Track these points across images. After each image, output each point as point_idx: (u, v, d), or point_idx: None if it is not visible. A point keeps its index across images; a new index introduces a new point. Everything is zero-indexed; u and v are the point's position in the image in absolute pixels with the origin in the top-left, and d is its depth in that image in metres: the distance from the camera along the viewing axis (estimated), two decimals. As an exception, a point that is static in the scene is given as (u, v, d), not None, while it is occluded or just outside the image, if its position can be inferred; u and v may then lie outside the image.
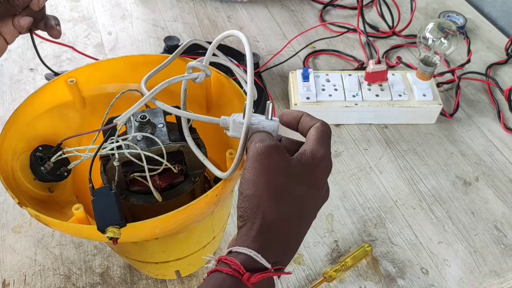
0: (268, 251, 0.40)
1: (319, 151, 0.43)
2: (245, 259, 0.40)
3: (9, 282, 0.66)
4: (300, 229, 0.44)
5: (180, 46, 0.59)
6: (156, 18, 1.09)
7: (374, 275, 0.68)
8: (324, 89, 0.86)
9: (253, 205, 0.41)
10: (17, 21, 0.59)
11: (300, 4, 1.13)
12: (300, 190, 0.43)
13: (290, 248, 0.43)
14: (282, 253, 0.42)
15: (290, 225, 0.43)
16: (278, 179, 0.42)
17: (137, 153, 0.50)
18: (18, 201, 0.48)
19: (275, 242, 0.41)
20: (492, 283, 0.68)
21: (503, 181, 0.80)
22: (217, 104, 0.63)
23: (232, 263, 0.39)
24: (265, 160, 0.42)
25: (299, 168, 0.43)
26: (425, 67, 0.84)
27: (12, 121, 0.54)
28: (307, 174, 0.43)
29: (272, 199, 0.41)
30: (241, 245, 0.40)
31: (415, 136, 0.87)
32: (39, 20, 0.62)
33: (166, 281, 0.67)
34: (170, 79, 0.50)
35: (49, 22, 0.62)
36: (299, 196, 0.43)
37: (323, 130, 0.45)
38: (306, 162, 0.43)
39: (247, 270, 0.39)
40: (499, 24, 1.11)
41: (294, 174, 0.42)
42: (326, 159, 0.44)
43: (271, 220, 0.41)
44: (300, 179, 0.43)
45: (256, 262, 0.40)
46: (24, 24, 0.59)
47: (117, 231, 0.45)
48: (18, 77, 0.94)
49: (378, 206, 0.76)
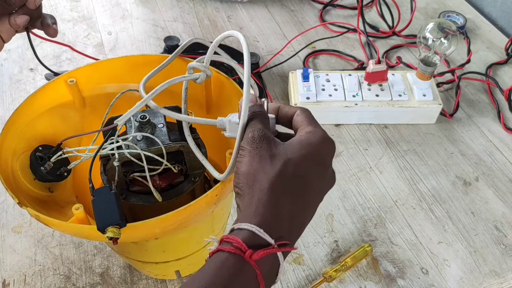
0: (270, 226, 0.39)
1: (318, 132, 0.43)
2: (247, 235, 0.38)
3: (9, 282, 0.66)
4: (306, 205, 0.42)
5: (180, 46, 0.59)
6: (156, 18, 1.09)
7: (374, 275, 0.68)
8: (324, 89, 0.86)
9: (249, 180, 0.40)
10: (14, 20, 0.59)
11: (300, 4, 1.13)
12: (302, 168, 0.42)
13: (296, 224, 0.41)
14: (286, 228, 0.40)
15: (294, 199, 0.41)
16: (273, 158, 0.41)
17: (137, 153, 0.50)
18: (18, 201, 0.48)
19: (278, 217, 0.40)
20: (492, 283, 0.68)
21: (503, 181, 0.80)
22: (217, 104, 0.63)
23: (233, 241, 0.37)
24: (260, 146, 0.42)
25: (299, 147, 0.42)
26: (425, 67, 0.84)
27: (12, 121, 0.54)
28: (311, 151, 0.42)
29: (268, 175, 0.40)
30: (242, 221, 0.39)
31: (415, 136, 0.87)
32: (36, 18, 0.62)
33: (166, 281, 0.67)
34: (171, 80, 0.50)
35: (46, 21, 0.62)
36: (301, 173, 0.42)
37: (308, 114, 0.45)
38: (309, 140, 0.42)
39: (249, 247, 0.37)
40: (499, 24, 1.11)
41: (294, 153, 0.42)
42: (328, 138, 0.44)
43: (269, 193, 0.40)
44: (301, 158, 0.42)
45: (258, 238, 0.38)
46: (20, 23, 0.59)
47: (117, 231, 0.45)
48: (18, 77, 0.94)
49: (378, 206, 0.76)
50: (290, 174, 0.41)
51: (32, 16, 0.60)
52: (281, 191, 0.40)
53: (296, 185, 0.41)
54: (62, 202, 0.56)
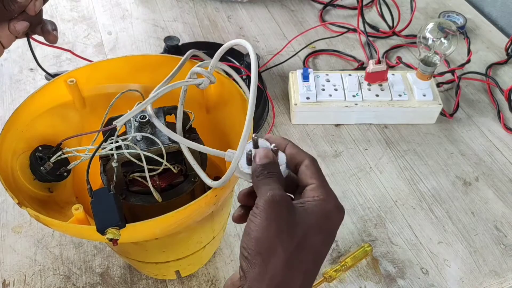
0: None
1: (331, 200, 0.41)
2: None
3: (9, 282, 0.66)
4: (313, 277, 0.41)
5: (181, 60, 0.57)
6: (156, 18, 1.09)
7: (374, 275, 0.68)
8: (324, 89, 0.86)
9: (263, 250, 0.38)
10: (13, 26, 0.58)
11: (300, 4, 1.13)
12: (316, 240, 0.40)
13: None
14: None
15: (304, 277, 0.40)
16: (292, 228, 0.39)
17: (136, 153, 0.50)
18: (18, 201, 0.48)
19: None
20: (492, 283, 0.68)
21: (503, 181, 0.80)
22: (217, 104, 0.63)
23: None
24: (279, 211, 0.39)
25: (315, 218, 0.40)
26: (425, 67, 0.84)
27: (12, 121, 0.54)
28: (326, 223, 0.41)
29: (286, 248, 0.38)
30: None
31: (415, 136, 0.87)
32: (36, 24, 0.61)
33: (166, 281, 0.67)
34: (174, 83, 0.50)
35: (46, 27, 0.62)
36: (314, 247, 0.40)
37: (318, 168, 0.43)
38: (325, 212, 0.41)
39: None
40: (499, 24, 1.11)
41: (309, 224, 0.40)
42: (341, 208, 0.42)
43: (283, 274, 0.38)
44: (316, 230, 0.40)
45: None
46: (20, 29, 0.59)
47: (117, 232, 0.44)
48: (18, 77, 0.94)
49: (378, 206, 0.76)
50: (306, 248, 0.39)
51: (32, 22, 0.60)
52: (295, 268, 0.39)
53: (310, 259, 0.40)
54: (62, 202, 0.56)
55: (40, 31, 0.62)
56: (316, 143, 0.85)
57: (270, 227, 0.38)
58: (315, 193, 0.41)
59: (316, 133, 0.86)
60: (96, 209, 0.46)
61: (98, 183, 0.57)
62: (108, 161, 0.51)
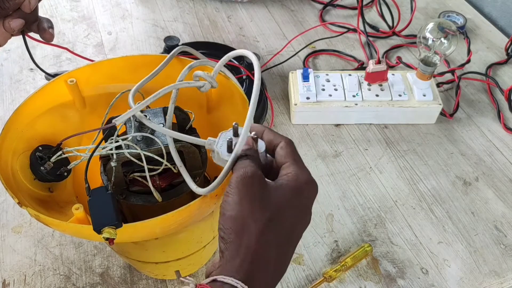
0: (254, 282, 0.38)
1: (303, 175, 0.42)
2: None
3: (9, 282, 0.66)
4: (289, 253, 0.42)
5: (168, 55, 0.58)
6: (156, 18, 1.09)
7: (374, 275, 0.68)
8: (324, 89, 0.86)
9: (237, 227, 0.39)
10: (8, 24, 0.58)
11: (300, 4, 1.13)
12: (288, 215, 0.41)
13: (276, 276, 0.41)
14: (270, 278, 0.40)
15: (278, 252, 0.40)
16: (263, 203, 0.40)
17: (137, 153, 0.50)
18: (18, 201, 0.48)
19: (262, 272, 0.39)
20: (492, 283, 0.68)
21: (503, 181, 0.80)
22: (218, 104, 0.63)
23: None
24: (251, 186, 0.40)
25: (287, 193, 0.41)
26: (425, 67, 0.84)
27: (12, 121, 0.54)
28: (299, 197, 0.42)
29: (258, 223, 0.39)
30: (227, 274, 0.38)
31: (415, 136, 0.87)
32: (32, 22, 0.61)
33: (166, 281, 0.67)
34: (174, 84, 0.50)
35: (42, 24, 0.61)
36: (287, 221, 0.41)
37: (293, 148, 0.44)
38: (297, 185, 0.42)
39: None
40: (499, 24, 1.11)
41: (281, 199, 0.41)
42: (312, 181, 0.43)
43: (257, 247, 0.39)
44: (288, 204, 0.41)
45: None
46: (15, 27, 0.58)
47: (113, 231, 0.44)
48: (18, 77, 0.94)
49: (378, 206, 0.76)
50: (278, 222, 0.40)
51: (27, 19, 0.59)
52: (268, 241, 0.40)
53: (283, 233, 0.41)
54: (62, 202, 0.56)
55: (36, 28, 0.61)
56: (316, 143, 0.85)
57: (242, 203, 0.39)
58: (288, 170, 0.42)
59: (316, 133, 0.86)
60: (93, 208, 0.46)
61: (99, 183, 0.57)
62: (109, 161, 0.51)
